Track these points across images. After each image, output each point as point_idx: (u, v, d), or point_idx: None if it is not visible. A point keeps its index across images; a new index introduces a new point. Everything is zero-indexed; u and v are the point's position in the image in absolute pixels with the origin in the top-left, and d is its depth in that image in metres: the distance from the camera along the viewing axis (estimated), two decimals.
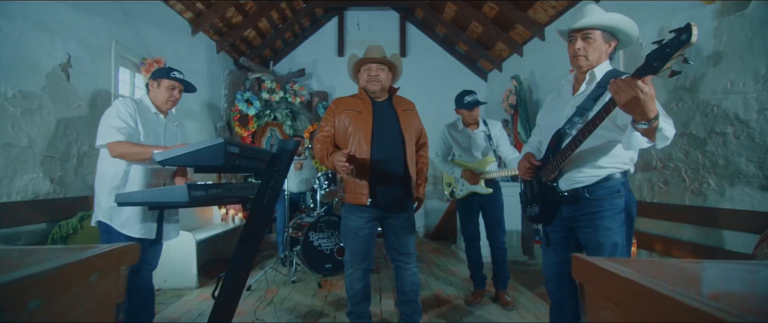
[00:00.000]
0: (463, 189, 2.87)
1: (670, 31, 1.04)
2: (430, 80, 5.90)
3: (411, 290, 2.13)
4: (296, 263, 3.57)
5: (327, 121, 2.11)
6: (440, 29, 5.96)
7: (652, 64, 1.06)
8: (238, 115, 5.10)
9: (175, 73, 2.07)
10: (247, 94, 5.14)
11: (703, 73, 2.26)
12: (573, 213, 1.49)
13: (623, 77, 1.12)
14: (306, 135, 5.54)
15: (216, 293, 1.78)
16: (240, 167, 1.68)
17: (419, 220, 5.94)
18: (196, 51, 4.42)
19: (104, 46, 2.94)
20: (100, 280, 0.67)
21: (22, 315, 0.54)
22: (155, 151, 1.61)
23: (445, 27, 5.68)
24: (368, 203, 1.97)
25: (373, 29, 6.08)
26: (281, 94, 5.38)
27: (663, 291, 0.51)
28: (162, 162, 1.54)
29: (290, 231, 3.70)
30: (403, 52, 6.13)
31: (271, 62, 5.87)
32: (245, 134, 5.17)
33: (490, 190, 2.76)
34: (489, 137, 2.80)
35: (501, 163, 3.01)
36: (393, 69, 2.12)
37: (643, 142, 1.20)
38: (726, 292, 0.66)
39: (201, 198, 1.56)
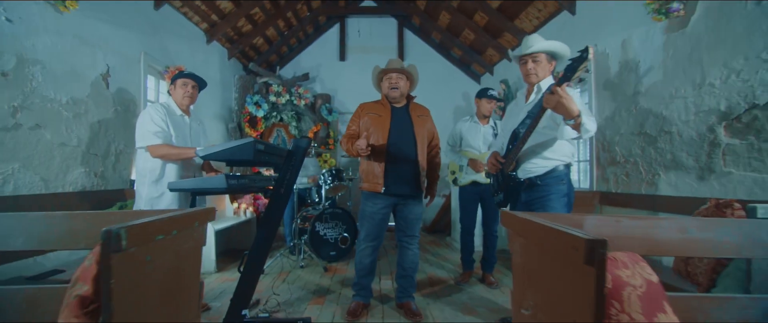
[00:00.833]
0: (466, 177, 3.21)
1: (578, 52, 1.43)
2: (427, 83, 6.23)
3: (410, 267, 2.52)
4: (304, 250, 3.94)
5: (353, 122, 2.52)
6: (436, 35, 6.33)
7: (567, 76, 1.46)
8: (248, 117, 5.48)
9: (184, 72, 2.47)
10: (256, 97, 5.52)
11: (658, 80, 2.64)
12: (529, 197, 1.88)
13: (550, 87, 1.52)
14: (310, 135, 5.92)
15: (241, 268, 2.17)
16: (264, 161, 2.07)
17: None
18: (211, 58, 4.80)
19: (135, 56, 3.32)
20: (198, 228, 1.05)
21: (153, 244, 0.92)
22: (198, 149, 2.00)
23: (440, 33, 6.06)
24: (382, 191, 2.36)
25: (373, 35, 6.46)
26: (287, 97, 5.76)
27: (540, 222, 0.89)
28: (205, 157, 1.92)
29: (298, 222, 4.08)
30: (401, 57, 6.50)
31: (278, 67, 6.25)
32: (254, 134, 5.55)
33: (490, 181, 3.14)
34: (496, 134, 3.18)
35: None
36: (410, 78, 2.51)
37: (573, 133, 1.61)
38: (597, 232, 1.04)
39: (234, 186, 1.94)
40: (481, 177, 3.10)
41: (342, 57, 6.52)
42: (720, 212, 1.78)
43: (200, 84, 2.53)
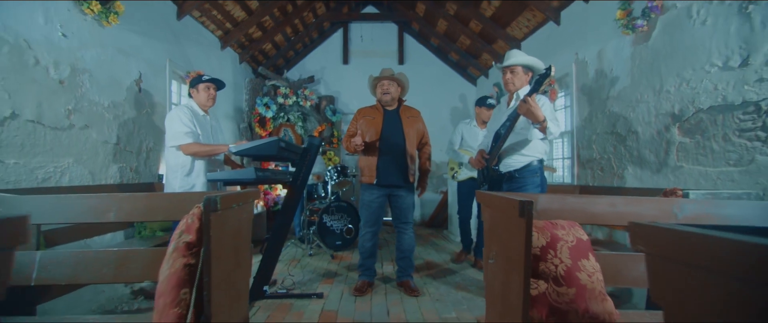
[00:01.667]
0: (464, 173, 3.70)
1: (544, 68, 1.81)
2: (426, 84, 6.64)
3: (407, 249, 2.88)
4: (312, 240, 4.31)
5: (352, 124, 2.90)
6: (434, 40, 6.69)
7: (535, 88, 1.83)
8: (258, 117, 5.84)
9: (204, 76, 2.82)
10: (266, 99, 5.89)
11: (626, 86, 3.00)
12: (508, 187, 2.24)
13: (523, 97, 1.89)
14: (316, 134, 6.28)
15: (263, 250, 2.53)
16: (284, 157, 2.44)
17: (416, 210, 6.69)
18: (224, 63, 5.16)
19: (161, 63, 3.68)
20: (250, 204, 1.41)
21: (231, 210, 1.28)
22: (231, 146, 2.36)
23: (439, 38, 6.42)
24: (375, 183, 2.73)
25: (375, 40, 6.82)
26: (294, 98, 6.12)
27: (498, 195, 1.25)
28: (237, 153, 2.29)
29: (307, 214, 4.45)
30: (401, 60, 6.88)
31: (285, 70, 6.61)
32: (264, 134, 5.91)
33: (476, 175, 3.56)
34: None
35: None
36: (401, 84, 2.87)
37: (540, 135, 1.99)
38: (547, 206, 1.40)
39: (261, 177, 2.31)
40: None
41: (345, 60, 6.88)
42: (667, 198, 2.14)
43: (220, 86, 2.89)
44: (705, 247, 0.48)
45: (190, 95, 2.87)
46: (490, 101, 3.62)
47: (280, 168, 5.16)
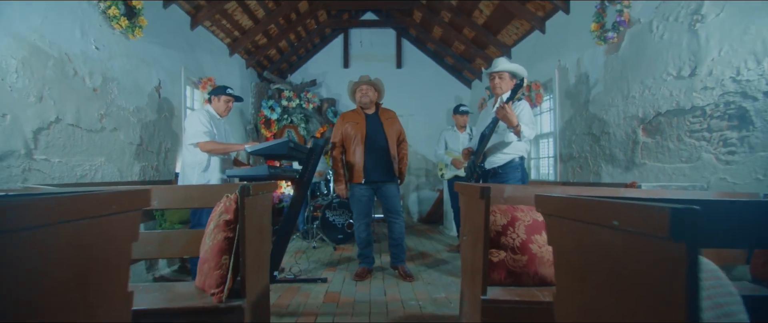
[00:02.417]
0: (450, 172, 4.21)
1: (519, 80, 2.12)
2: (423, 88, 6.96)
3: (398, 236, 3.20)
4: (315, 234, 4.63)
5: (336, 130, 3.23)
6: (431, 45, 7.01)
7: (511, 96, 2.14)
8: (263, 119, 6.17)
9: (229, 90, 3.14)
10: (271, 102, 6.21)
11: (600, 91, 3.32)
12: (493, 182, 2.55)
13: (503, 104, 2.20)
14: (318, 135, 6.59)
15: (273, 239, 2.84)
16: (293, 156, 2.75)
17: (414, 207, 7.02)
18: (232, 68, 5.49)
19: (177, 71, 4.00)
20: (269, 194, 1.73)
21: (257, 197, 1.60)
22: (247, 145, 2.69)
23: (435, 43, 6.74)
24: (363, 181, 3.06)
25: (374, 45, 7.14)
26: (297, 101, 6.44)
27: (467, 184, 1.57)
28: (251, 152, 2.61)
29: (311, 210, 4.77)
30: (399, 64, 7.20)
31: (288, 74, 6.94)
32: (269, 135, 6.24)
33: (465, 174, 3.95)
34: (471, 139, 3.96)
35: None
36: (378, 89, 3.20)
37: (514, 137, 2.30)
38: (512, 195, 1.72)
39: (273, 173, 2.63)
40: (461, 172, 3.95)
41: (346, 65, 7.20)
42: (617, 189, 2.46)
43: (238, 101, 3.21)
44: (572, 207, 0.80)
45: (209, 100, 3.18)
46: (463, 108, 4.24)
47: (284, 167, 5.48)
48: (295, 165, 4.71)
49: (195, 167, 3.02)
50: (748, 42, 2.05)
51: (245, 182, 1.41)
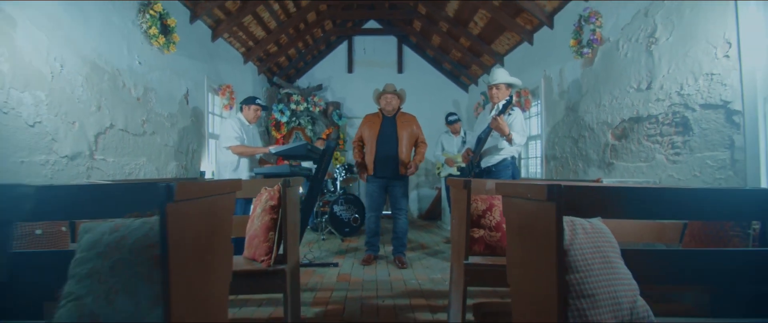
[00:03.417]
0: (445, 171, 4.81)
1: (507, 98, 2.57)
2: (423, 91, 7.40)
3: (400, 231, 3.64)
4: (324, 227, 5.07)
5: (360, 129, 3.70)
6: (430, 51, 7.46)
7: (502, 110, 2.60)
8: (274, 122, 6.62)
9: (258, 100, 3.60)
10: (281, 106, 6.66)
11: (578, 99, 3.76)
12: (488, 179, 3.00)
13: (493, 116, 2.66)
14: (324, 136, 7.04)
15: None
16: (310, 156, 3.20)
17: (414, 204, 7.47)
18: (246, 75, 5.94)
19: (201, 80, 4.45)
20: (295, 186, 2.18)
21: (290, 188, 2.04)
22: (271, 147, 3.14)
23: (434, 50, 7.19)
24: (373, 174, 3.51)
25: (377, 51, 7.59)
26: (304, 104, 6.89)
27: (455, 179, 2.01)
28: (276, 154, 3.07)
29: (320, 205, 5.22)
30: (400, 69, 7.65)
31: (296, 78, 7.38)
32: (279, 136, 6.68)
33: (459, 173, 4.41)
34: (464, 142, 4.48)
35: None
36: (400, 98, 3.64)
37: (506, 143, 2.76)
38: (491, 187, 2.17)
39: (293, 171, 3.07)
40: (454, 171, 4.49)
41: (350, 70, 7.65)
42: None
43: (265, 109, 3.68)
44: (512, 188, 1.24)
45: (240, 108, 3.64)
46: (451, 118, 5.00)
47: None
48: (303, 164, 5.20)
49: (227, 166, 3.49)
50: (689, 63, 2.49)
51: (286, 177, 1.85)
